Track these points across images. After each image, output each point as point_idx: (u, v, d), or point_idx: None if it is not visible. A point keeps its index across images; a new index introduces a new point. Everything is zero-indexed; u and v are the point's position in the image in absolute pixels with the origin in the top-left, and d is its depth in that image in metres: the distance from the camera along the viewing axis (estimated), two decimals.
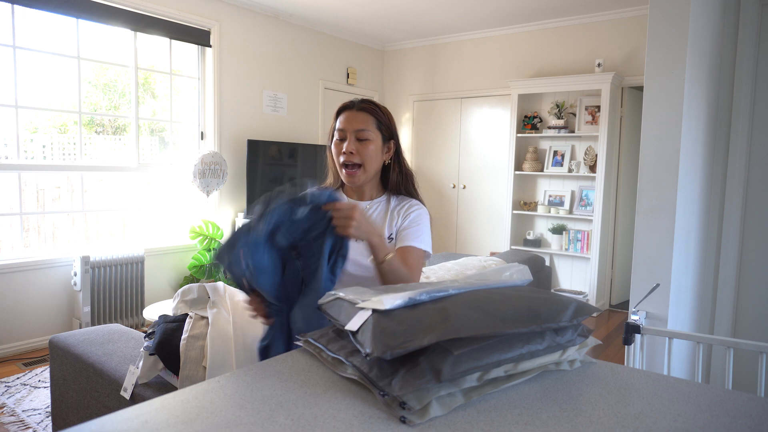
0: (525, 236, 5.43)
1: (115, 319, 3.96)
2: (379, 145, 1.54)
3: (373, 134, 1.52)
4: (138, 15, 4.10)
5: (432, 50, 6.09)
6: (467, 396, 0.76)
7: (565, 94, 5.18)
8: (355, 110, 1.54)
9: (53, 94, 3.79)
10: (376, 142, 1.53)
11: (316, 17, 5.31)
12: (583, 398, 0.78)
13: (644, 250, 2.20)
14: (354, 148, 1.51)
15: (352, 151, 1.51)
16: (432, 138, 6.07)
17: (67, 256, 3.81)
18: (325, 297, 1.01)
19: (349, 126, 1.53)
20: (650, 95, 2.18)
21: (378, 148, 1.54)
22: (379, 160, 1.56)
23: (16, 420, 2.66)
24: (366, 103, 1.55)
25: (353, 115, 1.53)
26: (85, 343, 1.86)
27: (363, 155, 1.51)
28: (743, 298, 2.67)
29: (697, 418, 0.72)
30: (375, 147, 1.53)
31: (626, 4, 4.71)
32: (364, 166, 1.52)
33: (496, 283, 0.99)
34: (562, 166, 5.15)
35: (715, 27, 2.44)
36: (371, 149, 1.52)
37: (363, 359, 0.81)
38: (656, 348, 2.08)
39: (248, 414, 0.70)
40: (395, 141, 1.58)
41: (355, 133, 1.51)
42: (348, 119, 1.54)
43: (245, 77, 4.94)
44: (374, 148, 1.53)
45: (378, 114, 1.54)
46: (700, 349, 1.76)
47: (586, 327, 0.93)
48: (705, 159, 2.52)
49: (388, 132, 1.56)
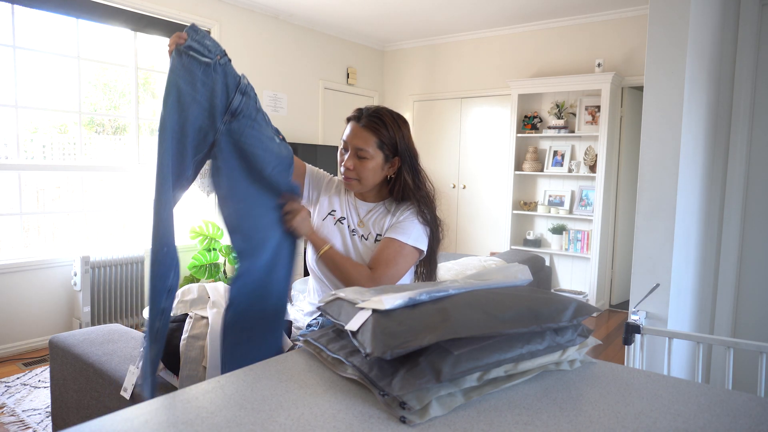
0: (525, 236, 5.43)
1: (115, 319, 3.96)
2: (379, 162, 1.53)
3: (372, 152, 1.52)
4: (138, 15, 4.10)
5: (432, 50, 6.09)
6: (467, 396, 0.76)
7: (565, 94, 5.18)
8: (361, 125, 1.53)
9: (53, 94, 3.79)
10: (375, 160, 1.52)
11: (316, 17, 5.31)
12: (583, 398, 0.78)
13: (644, 250, 2.20)
14: (352, 165, 1.53)
15: (349, 167, 1.53)
16: (432, 138, 6.06)
17: (67, 256, 3.81)
18: (326, 297, 1.01)
19: (351, 141, 1.53)
20: (650, 95, 2.18)
21: (377, 165, 1.53)
22: (378, 176, 1.56)
23: (16, 420, 2.66)
24: (372, 118, 1.52)
25: (357, 131, 1.53)
26: (85, 343, 1.86)
27: (360, 172, 1.53)
28: (743, 298, 2.67)
29: (697, 418, 0.72)
30: (374, 165, 1.53)
31: (626, 4, 4.71)
32: (360, 181, 1.55)
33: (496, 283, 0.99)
34: (562, 166, 5.15)
35: (715, 27, 2.44)
36: (369, 167, 1.52)
37: (363, 359, 0.81)
38: (656, 348, 2.08)
39: (248, 414, 0.70)
40: (402, 156, 1.55)
41: (356, 150, 1.52)
42: (352, 134, 1.54)
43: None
44: (373, 166, 1.53)
45: (381, 133, 1.51)
46: (700, 349, 1.76)
47: (586, 327, 0.93)
48: (705, 159, 2.52)
49: (392, 149, 1.54)
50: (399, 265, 1.48)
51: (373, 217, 1.59)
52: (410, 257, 1.51)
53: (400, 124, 1.55)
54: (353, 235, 1.58)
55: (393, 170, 1.57)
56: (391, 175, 1.58)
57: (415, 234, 1.51)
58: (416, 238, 1.51)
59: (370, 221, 1.59)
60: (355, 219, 1.60)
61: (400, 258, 1.48)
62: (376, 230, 1.56)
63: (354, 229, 1.59)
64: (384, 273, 1.45)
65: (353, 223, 1.60)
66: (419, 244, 1.52)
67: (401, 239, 1.48)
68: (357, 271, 1.44)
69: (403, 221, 1.53)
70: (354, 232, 1.58)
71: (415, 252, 1.52)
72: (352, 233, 1.58)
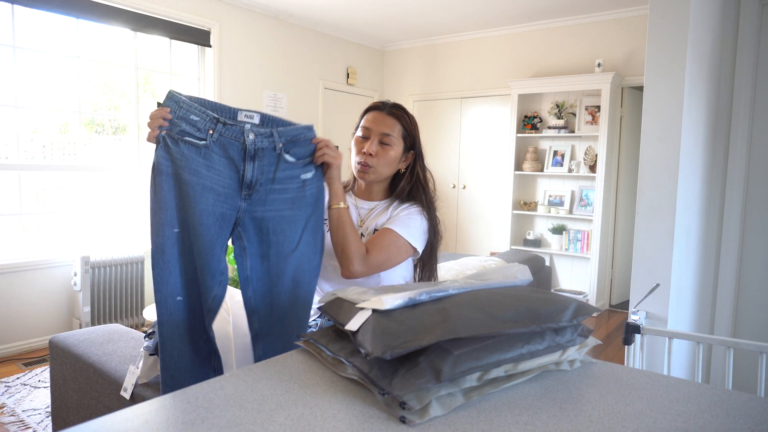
0: (525, 236, 5.43)
1: (115, 319, 3.96)
2: (399, 152, 1.55)
3: (396, 140, 1.53)
4: (138, 15, 4.10)
5: (432, 50, 6.09)
6: (467, 396, 0.76)
7: (565, 94, 5.18)
8: (385, 113, 1.54)
9: (53, 94, 3.79)
10: (396, 149, 1.54)
11: (316, 17, 5.31)
12: (583, 398, 0.78)
13: (644, 250, 2.20)
14: (374, 150, 1.52)
15: (372, 153, 1.51)
16: (432, 138, 6.06)
17: (67, 256, 3.81)
18: (325, 297, 1.01)
19: (375, 127, 1.53)
20: (650, 95, 2.18)
21: (397, 155, 1.54)
22: (394, 167, 1.56)
23: (16, 420, 2.66)
24: (397, 108, 1.56)
25: (382, 118, 1.54)
26: (85, 343, 1.86)
27: (380, 158, 1.52)
28: (743, 298, 2.67)
29: (697, 418, 0.72)
30: (395, 153, 1.54)
31: (626, 4, 4.71)
32: (377, 169, 1.53)
33: (496, 283, 0.99)
34: (562, 166, 5.15)
35: (715, 27, 2.44)
36: (391, 155, 1.53)
37: (363, 359, 0.81)
38: (656, 348, 2.08)
39: (248, 414, 0.70)
40: (415, 152, 1.58)
41: (380, 135, 1.52)
42: (376, 120, 1.54)
43: (245, 77, 4.94)
44: (393, 155, 1.53)
45: (405, 122, 1.54)
46: (700, 349, 1.76)
47: (586, 327, 0.93)
48: (705, 159, 2.52)
49: (411, 142, 1.56)
50: (392, 253, 1.45)
51: (373, 215, 1.59)
52: (404, 251, 1.48)
53: (415, 122, 1.60)
54: None
55: (405, 164, 1.58)
56: (402, 169, 1.58)
57: (414, 231, 1.49)
58: (414, 235, 1.49)
59: (370, 218, 1.59)
60: (356, 219, 1.60)
61: (393, 247, 1.45)
62: (374, 226, 1.56)
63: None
64: (376, 257, 1.41)
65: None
66: (415, 242, 1.50)
67: (398, 231, 1.46)
68: (356, 246, 1.39)
69: (405, 215, 1.51)
70: None
71: (409, 248, 1.49)
72: None
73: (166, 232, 1.17)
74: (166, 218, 1.17)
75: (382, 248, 1.43)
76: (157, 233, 1.17)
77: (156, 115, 1.17)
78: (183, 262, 1.21)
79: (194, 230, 1.19)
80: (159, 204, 1.16)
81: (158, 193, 1.16)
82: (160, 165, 1.16)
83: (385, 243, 1.44)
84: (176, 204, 1.18)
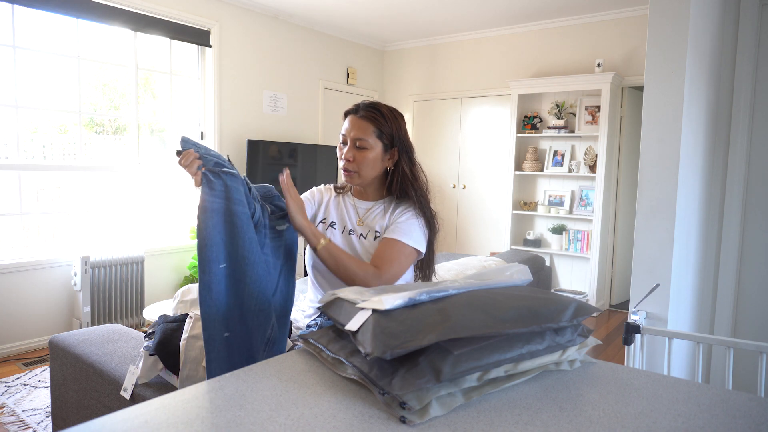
0: (525, 236, 5.43)
1: (115, 319, 3.95)
2: (379, 152, 1.55)
3: (371, 142, 1.53)
4: (138, 15, 4.09)
5: (432, 50, 6.09)
6: (467, 396, 0.76)
7: (565, 94, 5.18)
8: (358, 116, 1.55)
9: (53, 94, 3.79)
10: (374, 150, 1.54)
11: (316, 17, 5.31)
12: (583, 398, 0.78)
13: (644, 250, 2.20)
14: (351, 156, 1.54)
15: (349, 159, 1.54)
16: (432, 138, 6.06)
17: (67, 256, 3.81)
18: (325, 297, 1.01)
19: (348, 133, 1.55)
20: (650, 95, 2.18)
21: (377, 155, 1.54)
22: (378, 168, 1.57)
23: (16, 420, 2.66)
24: (369, 109, 1.55)
25: (355, 122, 1.55)
26: (85, 343, 1.86)
27: (359, 163, 1.53)
28: (743, 298, 2.67)
29: (697, 418, 0.72)
30: (373, 155, 1.54)
31: (626, 4, 4.71)
32: (359, 173, 1.55)
33: (496, 283, 0.99)
34: (562, 166, 5.15)
35: (715, 27, 2.44)
36: (369, 158, 1.53)
37: (363, 359, 0.81)
38: (656, 348, 2.08)
39: (248, 414, 0.70)
40: (400, 148, 1.57)
41: (354, 140, 1.53)
42: (350, 125, 1.55)
43: (245, 77, 4.93)
44: (372, 157, 1.54)
45: (379, 122, 1.53)
46: (700, 349, 1.76)
47: (586, 327, 0.93)
48: (705, 159, 2.52)
49: (390, 139, 1.56)
50: (402, 264, 1.50)
51: (372, 215, 1.60)
52: (411, 257, 1.54)
53: (396, 116, 1.58)
54: (350, 235, 1.58)
55: (392, 162, 1.58)
56: (389, 167, 1.59)
57: (416, 236, 1.53)
58: (416, 239, 1.53)
59: (369, 219, 1.59)
60: (354, 218, 1.61)
61: (402, 257, 1.50)
62: (375, 228, 1.57)
63: (352, 229, 1.59)
64: (390, 270, 1.46)
65: (351, 224, 1.60)
66: (419, 246, 1.54)
67: (403, 240, 1.50)
68: (362, 269, 1.43)
69: (404, 222, 1.54)
70: (352, 231, 1.59)
71: (414, 253, 1.55)
72: (349, 233, 1.59)
73: (213, 268, 1.18)
74: (212, 254, 1.18)
75: (393, 260, 1.47)
76: (204, 270, 1.18)
77: (188, 157, 1.19)
78: (230, 298, 1.22)
79: (246, 260, 1.22)
80: (204, 240, 1.18)
81: (203, 230, 1.18)
82: (205, 203, 1.19)
83: (394, 254, 1.48)
84: (224, 240, 1.20)
